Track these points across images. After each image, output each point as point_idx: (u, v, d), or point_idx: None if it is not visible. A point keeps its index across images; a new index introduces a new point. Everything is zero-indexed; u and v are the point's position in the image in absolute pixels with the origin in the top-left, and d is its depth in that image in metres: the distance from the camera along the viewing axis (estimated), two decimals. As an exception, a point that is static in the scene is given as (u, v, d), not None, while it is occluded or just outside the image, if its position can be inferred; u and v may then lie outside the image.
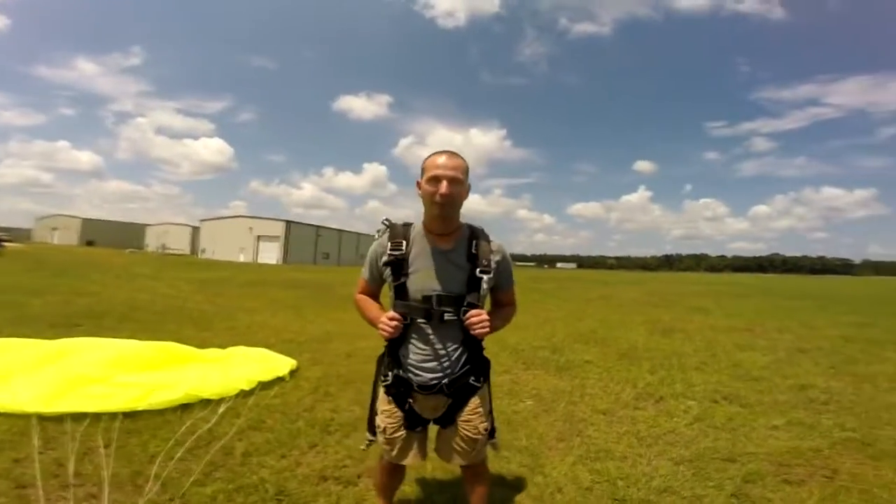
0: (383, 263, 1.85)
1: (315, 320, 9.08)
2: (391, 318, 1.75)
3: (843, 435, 3.62)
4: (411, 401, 1.89)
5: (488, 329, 1.75)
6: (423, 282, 1.78)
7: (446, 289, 1.78)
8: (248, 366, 4.72)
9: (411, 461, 1.99)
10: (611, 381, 5.18)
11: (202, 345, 5.75)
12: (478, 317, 1.74)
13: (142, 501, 2.30)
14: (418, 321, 1.79)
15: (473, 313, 1.74)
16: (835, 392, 4.85)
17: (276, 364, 4.91)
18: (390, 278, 1.83)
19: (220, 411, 3.52)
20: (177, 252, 71.93)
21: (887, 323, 11.00)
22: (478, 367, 1.90)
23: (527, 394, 4.60)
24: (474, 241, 1.83)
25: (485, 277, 1.80)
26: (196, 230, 78.91)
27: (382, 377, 1.94)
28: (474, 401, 1.92)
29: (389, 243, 1.82)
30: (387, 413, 1.94)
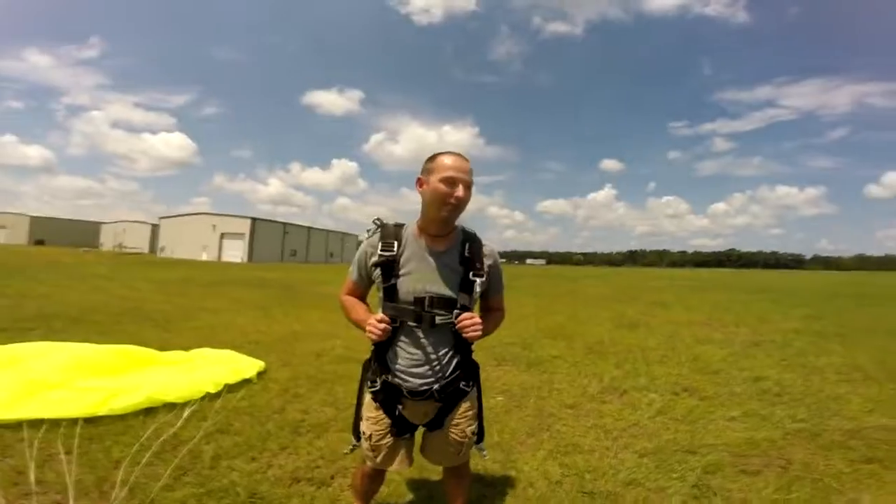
0: (373, 264, 1.79)
1: (282, 320, 8.90)
2: (380, 321, 1.69)
3: (795, 426, 3.81)
4: (401, 407, 1.84)
5: (480, 332, 1.71)
6: (414, 283, 1.73)
7: (439, 291, 1.73)
8: (214, 368, 4.60)
9: (397, 468, 1.94)
10: (578, 376, 5.32)
11: (164, 347, 5.57)
12: (470, 320, 1.70)
13: None
14: (408, 324, 1.75)
15: (465, 316, 1.70)
16: (786, 384, 5.09)
17: (242, 365, 4.79)
18: (380, 279, 1.78)
19: (185, 415, 3.40)
20: (134, 251, 68.93)
21: (834, 317, 11.62)
22: (468, 371, 1.86)
23: (497, 390, 4.67)
24: (468, 244, 1.81)
25: (478, 281, 1.78)
26: (155, 228, 75.51)
27: (370, 383, 1.87)
28: (464, 405, 1.90)
29: (380, 243, 1.77)
30: (373, 420, 1.88)
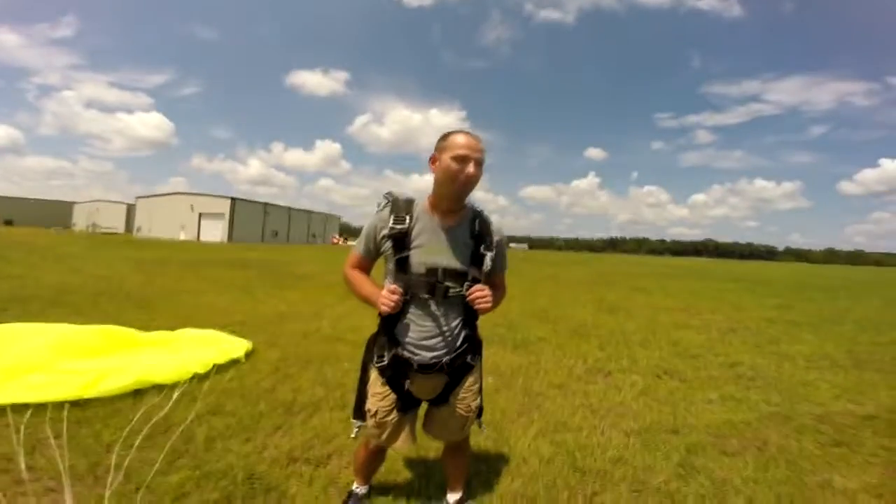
0: (383, 237, 1.80)
1: (266, 301, 8.82)
2: (392, 292, 1.69)
3: (768, 409, 3.98)
4: (408, 382, 1.86)
5: (490, 304, 1.74)
6: (427, 255, 1.76)
7: (450, 264, 1.76)
8: (201, 349, 4.54)
9: (401, 445, 1.97)
10: (563, 357, 5.44)
11: (146, 328, 5.48)
12: (481, 291, 1.72)
13: (108, 493, 2.20)
14: (420, 296, 1.76)
15: (477, 287, 1.73)
16: (760, 369, 5.30)
17: (230, 346, 4.74)
18: (390, 252, 1.79)
19: (174, 397, 3.38)
20: (109, 231, 67.05)
21: (804, 306, 12.07)
22: (473, 345, 1.91)
23: (487, 370, 4.72)
24: (477, 220, 1.84)
25: (488, 255, 1.81)
26: (131, 208, 73.17)
27: (377, 358, 1.88)
28: (470, 378, 1.95)
29: (392, 217, 1.79)
30: (379, 396, 1.90)
